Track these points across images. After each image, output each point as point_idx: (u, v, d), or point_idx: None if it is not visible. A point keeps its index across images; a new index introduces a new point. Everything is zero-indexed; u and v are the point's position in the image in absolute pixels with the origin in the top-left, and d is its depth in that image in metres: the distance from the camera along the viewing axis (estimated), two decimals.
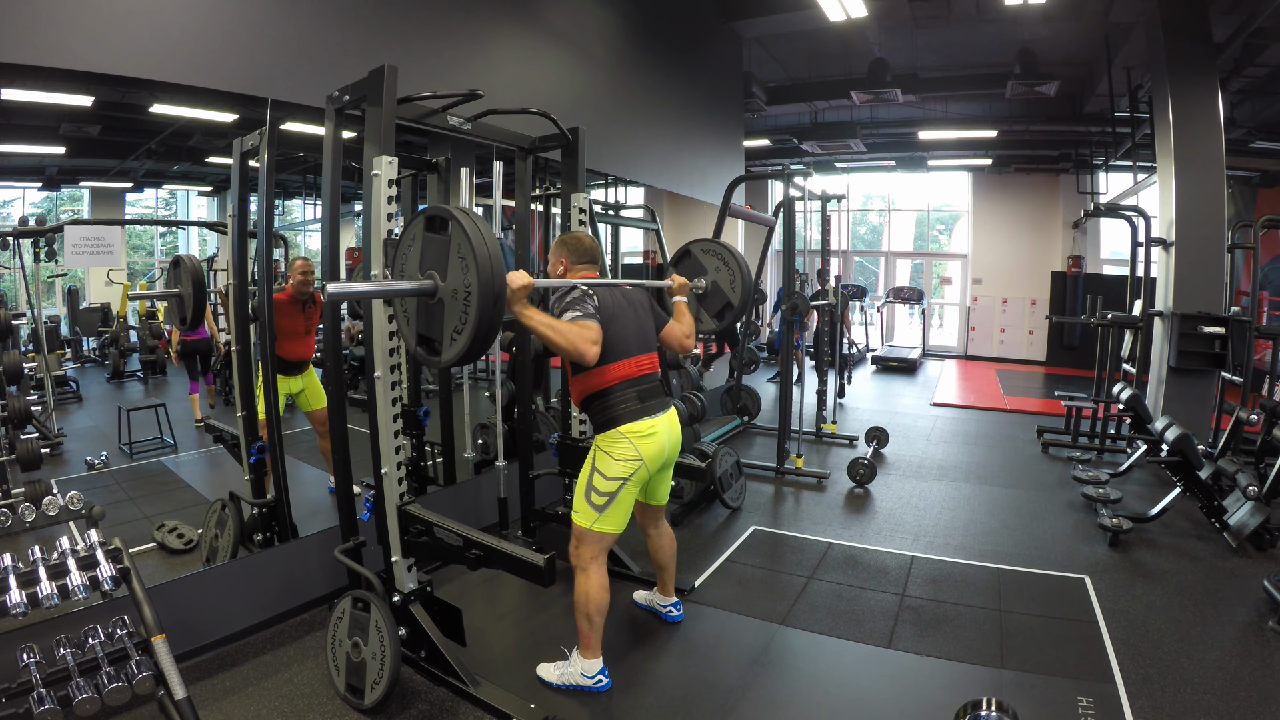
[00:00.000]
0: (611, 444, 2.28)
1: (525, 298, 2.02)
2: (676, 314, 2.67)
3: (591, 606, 2.27)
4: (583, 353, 2.10)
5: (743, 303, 2.92)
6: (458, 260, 1.78)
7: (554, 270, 2.45)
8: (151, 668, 1.86)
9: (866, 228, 14.40)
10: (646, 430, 2.29)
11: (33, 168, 8.05)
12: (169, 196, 10.25)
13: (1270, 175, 8.71)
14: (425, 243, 1.88)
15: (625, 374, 2.31)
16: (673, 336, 2.58)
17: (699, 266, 2.98)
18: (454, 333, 1.82)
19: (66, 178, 8.50)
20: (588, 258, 2.43)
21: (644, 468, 2.29)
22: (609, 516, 2.28)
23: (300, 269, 3.83)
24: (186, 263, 3.19)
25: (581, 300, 2.21)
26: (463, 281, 1.77)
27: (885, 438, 5.61)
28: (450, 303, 1.82)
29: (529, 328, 2.07)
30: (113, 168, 8.21)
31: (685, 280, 2.77)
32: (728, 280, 2.92)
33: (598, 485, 2.27)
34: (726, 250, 2.92)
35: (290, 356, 3.87)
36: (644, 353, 2.39)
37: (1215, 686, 2.38)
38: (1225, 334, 5.14)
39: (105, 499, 3.98)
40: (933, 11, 6.55)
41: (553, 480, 3.38)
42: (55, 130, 6.49)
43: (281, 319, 3.69)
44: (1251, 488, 3.56)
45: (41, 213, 8.56)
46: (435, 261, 1.85)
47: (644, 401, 2.32)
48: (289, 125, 4.03)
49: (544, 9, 4.67)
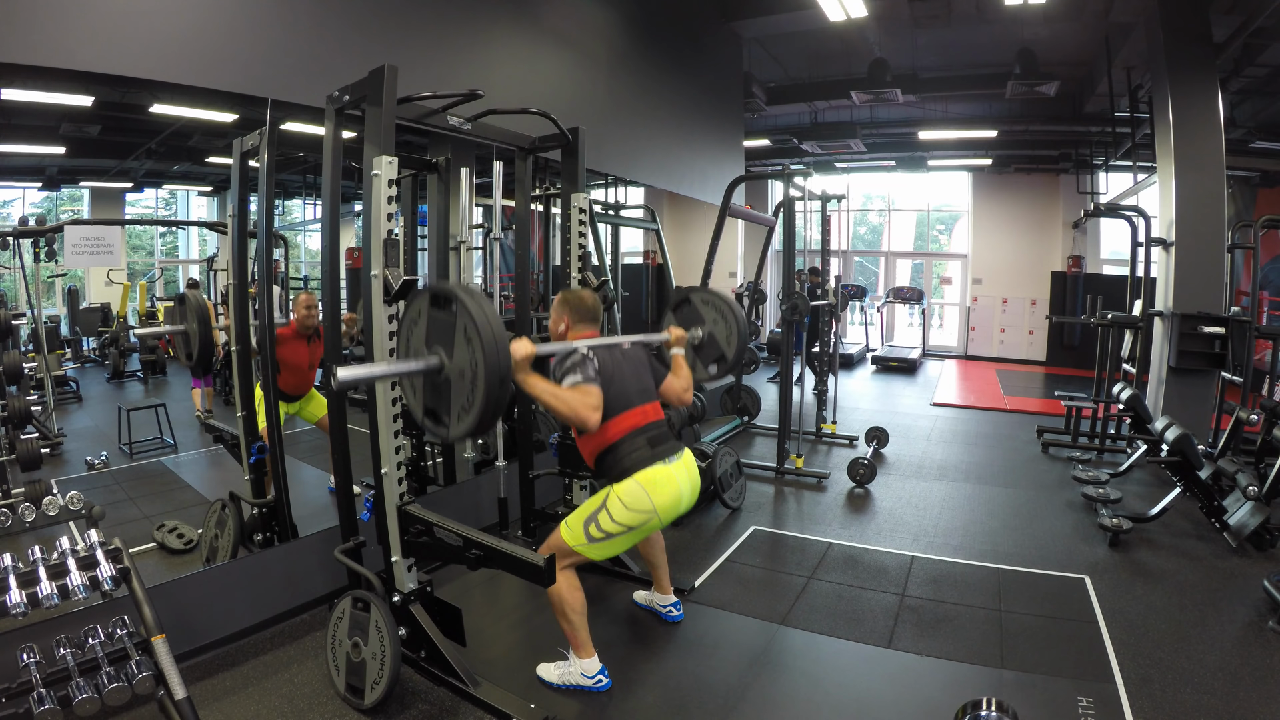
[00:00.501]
0: (627, 493, 2.25)
1: (527, 366, 2.05)
2: (674, 367, 2.69)
3: (566, 607, 2.27)
4: (584, 419, 2.13)
5: (736, 357, 2.98)
6: (463, 340, 1.80)
7: (555, 328, 2.49)
8: (151, 668, 1.86)
9: (866, 228, 14.40)
10: (663, 478, 2.27)
11: (33, 168, 8.05)
12: (169, 196, 10.25)
13: (1270, 175, 8.71)
14: (431, 319, 1.91)
15: (632, 424, 2.32)
16: (671, 391, 2.60)
17: (697, 316, 3.03)
18: (461, 410, 1.85)
19: (66, 178, 8.51)
20: (589, 317, 2.47)
21: (656, 518, 2.27)
22: (598, 548, 2.29)
23: (304, 303, 3.83)
24: (191, 300, 3.17)
25: (582, 364, 2.22)
26: (469, 361, 1.79)
27: (885, 438, 5.61)
28: (457, 381, 1.84)
29: (532, 395, 2.11)
30: (113, 168, 8.22)
31: (682, 332, 2.80)
32: (724, 333, 2.97)
33: (601, 522, 2.25)
34: (724, 303, 2.97)
35: (293, 391, 3.88)
36: (647, 403, 2.41)
37: (1215, 686, 2.38)
38: (1225, 334, 5.14)
39: (105, 499, 3.98)
40: (933, 11, 6.55)
41: (553, 480, 3.38)
42: (55, 130, 6.50)
43: (285, 353, 3.69)
44: (1251, 488, 3.56)
45: (41, 213, 8.57)
46: (441, 338, 1.88)
47: (655, 447, 2.32)
48: (289, 125, 4.04)
49: (544, 9, 4.67)
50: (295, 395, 3.92)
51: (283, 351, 3.64)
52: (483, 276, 5.02)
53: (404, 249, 3.24)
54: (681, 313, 3.05)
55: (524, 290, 3.63)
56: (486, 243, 4.58)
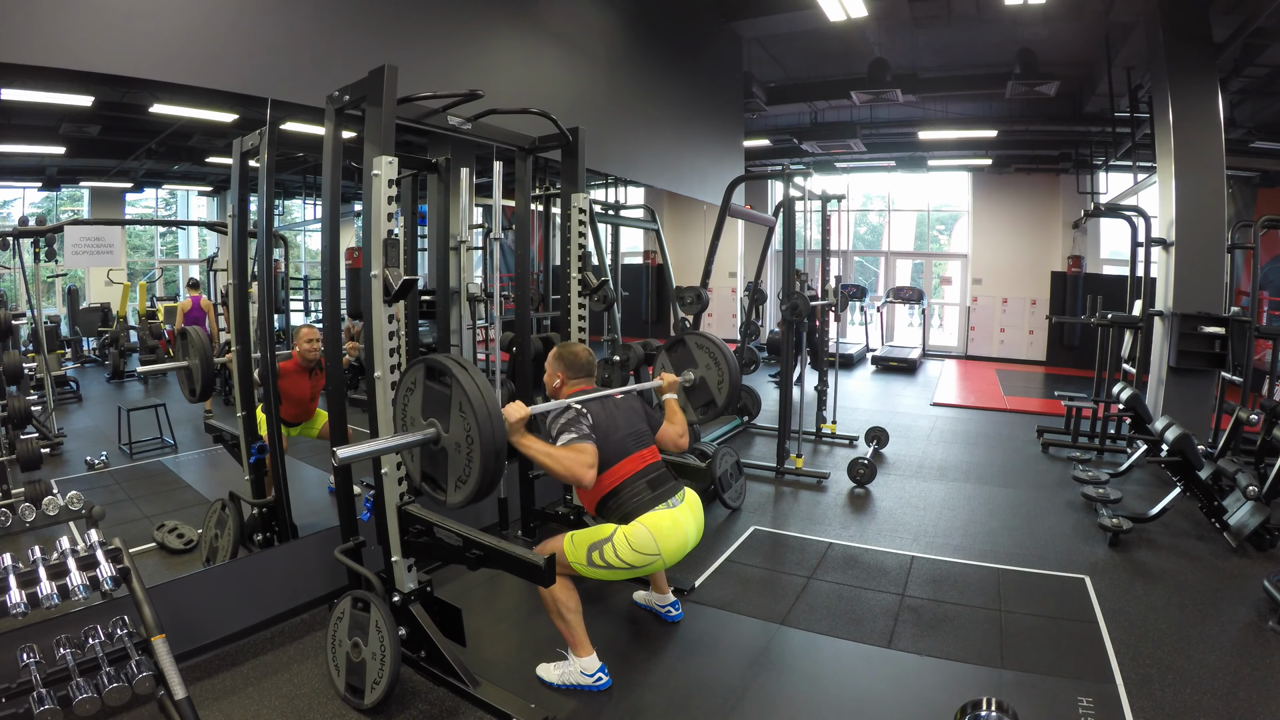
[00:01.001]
0: (633, 535, 2.25)
1: (522, 428, 2.08)
2: (669, 414, 2.70)
3: (561, 606, 2.29)
4: (579, 478, 2.16)
5: (725, 405, 3.03)
6: (459, 414, 1.84)
7: (550, 383, 2.52)
8: (151, 668, 1.86)
9: (866, 228, 14.40)
10: (669, 525, 2.28)
11: (33, 168, 8.04)
12: (169, 196, 10.24)
13: (1270, 175, 8.71)
14: (426, 390, 1.94)
15: (630, 470, 2.34)
16: (667, 438, 2.62)
17: (690, 358, 3.07)
18: (458, 481, 1.89)
19: (66, 178, 8.50)
20: (584, 372, 2.50)
21: (660, 561, 2.29)
22: (596, 574, 2.30)
23: (306, 337, 3.84)
24: (193, 337, 3.18)
25: (576, 421, 2.24)
26: (464, 435, 1.83)
27: (885, 438, 5.61)
28: (453, 453, 1.88)
29: (528, 456, 2.14)
30: (113, 168, 8.21)
31: (674, 378, 2.84)
32: (715, 380, 3.02)
33: (605, 554, 2.25)
34: (719, 350, 3.01)
35: (294, 420, 3.89)
36: (643, 448, 2.42)
37: (1215, 686, 2.38)
38: (1225, 334, 5.14)
39: (105, 499, 3.98)
40: (933, 11, 6.55)
41: (553, 480, 3.37)
42: (55, 130, 6.49)
43: (288, 386, 3.69)
44: (1251, 488, 3.56)
45: (41, 213, 8.56)
46: (436, 409, 1.91)
47: (656, 489, 2.34)
48: (289, 125, 4.03)
49: (544, 9, 4.67)
50: (295, 424, 3.94)
51: (284, 384, 3.64)
52: (483, 276, 5.01)
53: (404, 249, 3.24)
54: (676, 353, 3.11)
55: (524, 290, 3.63)
56: (486, 243, 4.57)
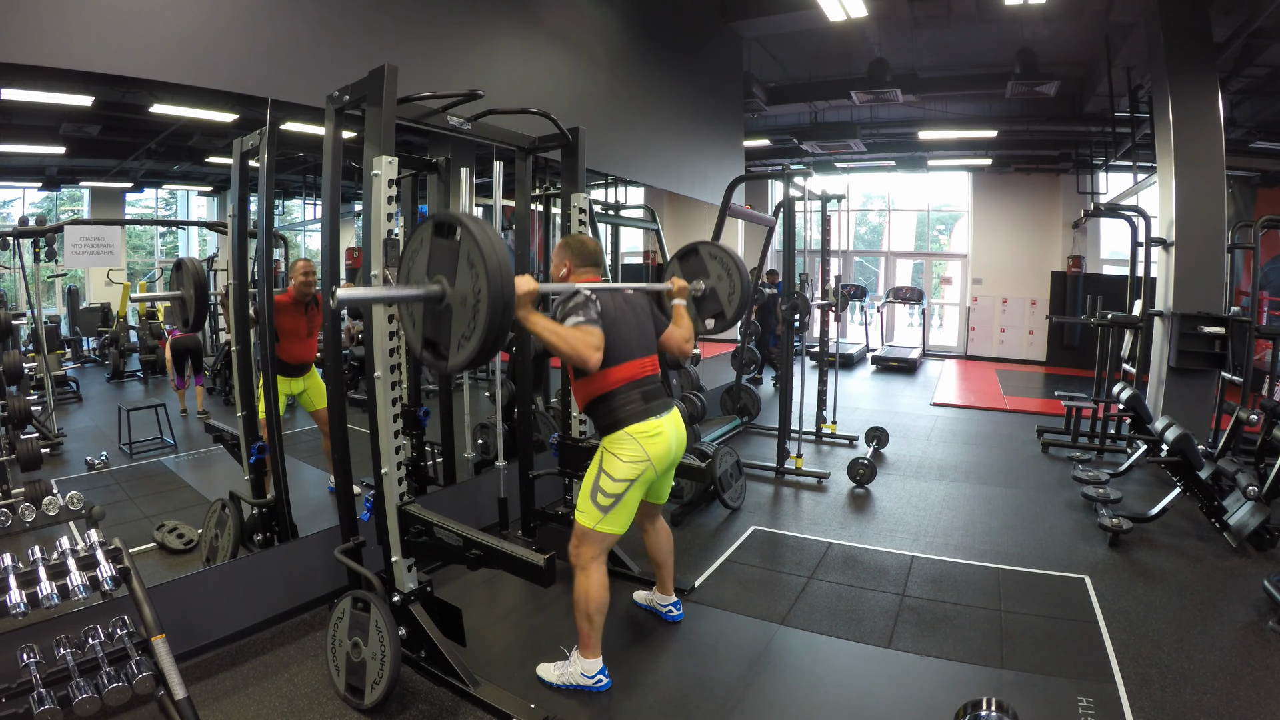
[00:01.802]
0: (618, 445, 2.28)
1: (530, 303, 2.04)
2: (675, 318, 2.68)
3: (592, 606, 2.27)
4: (586, 358, 2.12)
5: (735, 315, 2.95)
6: (466, 267, 1.77)
7: (557, 272, 2.47)
8: (151, 668, 1.86)
9: (866, 228, 14.40)
10: (653, 430, 2.30)
11: (33, 168, 8.05)
12: (169, 196, 10.25)
13: (1270, 175, 8.71)
14: (433, 247, 1.87)
15: (628, 375, 2.32)
16: (673, 341, 2.60)
17: (703, 268, 2.98)
18: (461, 338, 1.82)
19: (66, 178, 8.51)
20: (591, 261, 2.46)
21: (651, 468, 2.30)
22: (613, 518, 2.28)
23: (302, 270, 3.82)
24: (189, 265, 3.18)
25: (585, 305, 2.21)
26: (472, 288, 1.76)
27: (885, 438, 5.61)
28: (458, 309, 1.81)
29: (533, 333, 2.09)
30: (113, 168, 8.22)
31: (685, 283, 2.78)
32: (726, 291, 2.93)
33: (604, 486, 2.27)
34: (732, 260, 2.92)
35: (292, 359, 3.87)
36: (645, 355, 2.41)
37: (1215, 686, 2.38)
38: (1225, 334, 5.14)
39: (105, 499, 3.98)
40: (933, 11, 6.55)
41: (553, 480, 3.38)
42: (55, 130, 6.50)
43: (283, 321, 3.69)
44: (1251, 488, 3.56)
45: (41, 213, 8.57)
46: (443, 267, 1.84)
47: (648, 402, 2.33)
48: (289, 125, 4.04)
49: (544, 9, 4.67)
50: (295, 367, 3.90)
51: (281, 320, 3.62)
52: None
53: None
54: (688, 263, 3.01)
55: None
56: None
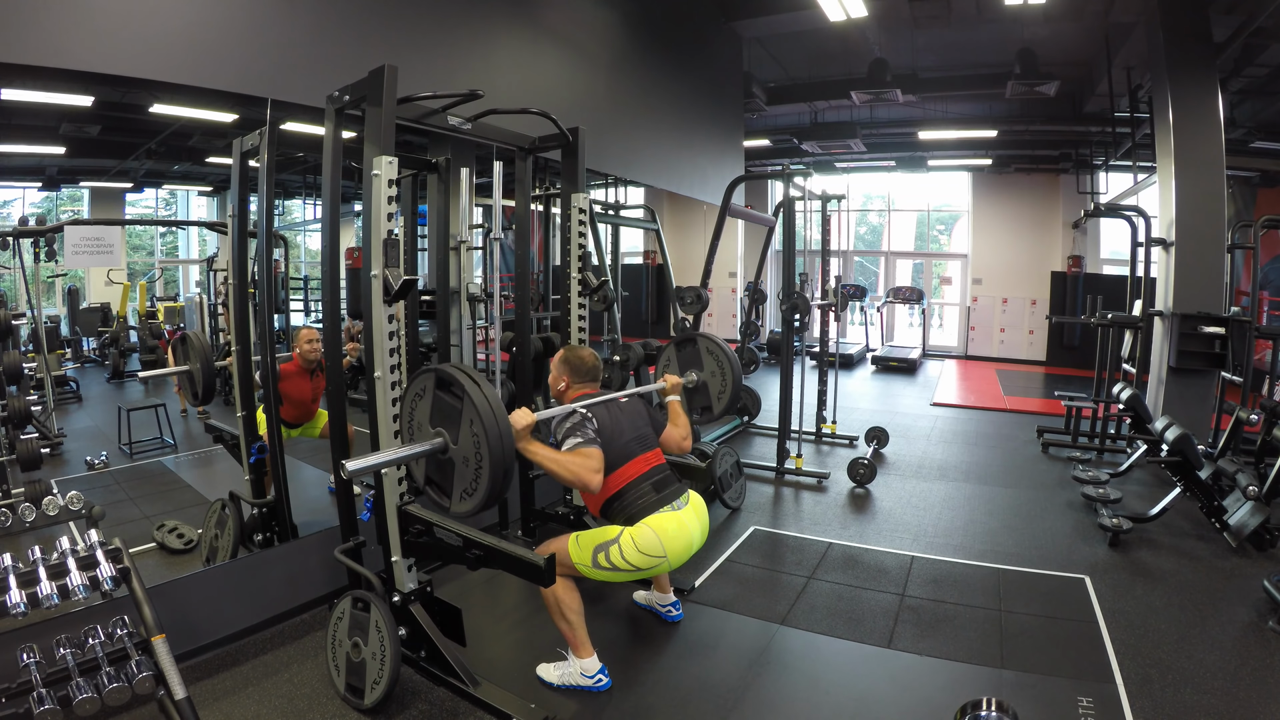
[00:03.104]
0: (638, 535, 2.25)
1: (528, 435, 2.08)
2: (672, 416, 2.72)
3: (564, 607, 2.29)
4: (587, 483, 2.17)
5: (722, 412, 3.08)
6: (468, 428, 1.84)
7: (555, 386, 2.53)
8: (151, 668, 1.86)
9: (866, 228, 14.40)
10: (673, 526, 2.28)
11: (33, 168, 8.04)
12: (169, 196, 10.24)
13: (1270, 175, 8.71)
14: (435, 399, 1.94)
15: (635, 473, 2.35)
16: (671, 441, 2.63)
17: (698, 360, 3.10)
18: (464, 493, 1.90)
19: (66, 178, 8.50)
20: (589, 376, 2.51)
21: (666, 563, 2.29)
22: (601, 575, 2.29)
23: (306, 338, 3.84)
24: (193, 340, 3.18)
25: (581, 426, 2.25)
26: (473, 450, 1.83)
27: (885, 438, 5.61)
28: (461, 466, 1.89)
29: (535, 463, 2.15)
30: (113, 168, 8.21)
31: (678, 379, 2.86)
32: (717, 387, 3.06)
33: (612, 556, 2.25)
34: (726, 358, 3.03)
35: (295, 422, 3.89)
36: (647, 451, 2.43)
37: (1215, 686, 2.38)
38: (1225, 334, 5.14)
39: (105, 499, 3.98)
40: (933, 11, 6.54)
41: (553, 480, 3.37)
42: (55, 130, 6.49)
43: (289, 388, 3.69)
44: (1251, 488, 3.56)
45: (41, 213, 8.56)
46: (445, 420, 1.91)
47: (660, 491, 2.35)
48: (289, 125, 4.03)
49: (544, 9, 4.67)
50: (297, 424, 3.94)
51: (285, 387, 3.64)
52: (483, 276, 5.02)
53: (404, 249, 3.23)
54: (684, 351, 3.14)
55: (524, 290, 3.63)
56: (486, 243, 4.57)
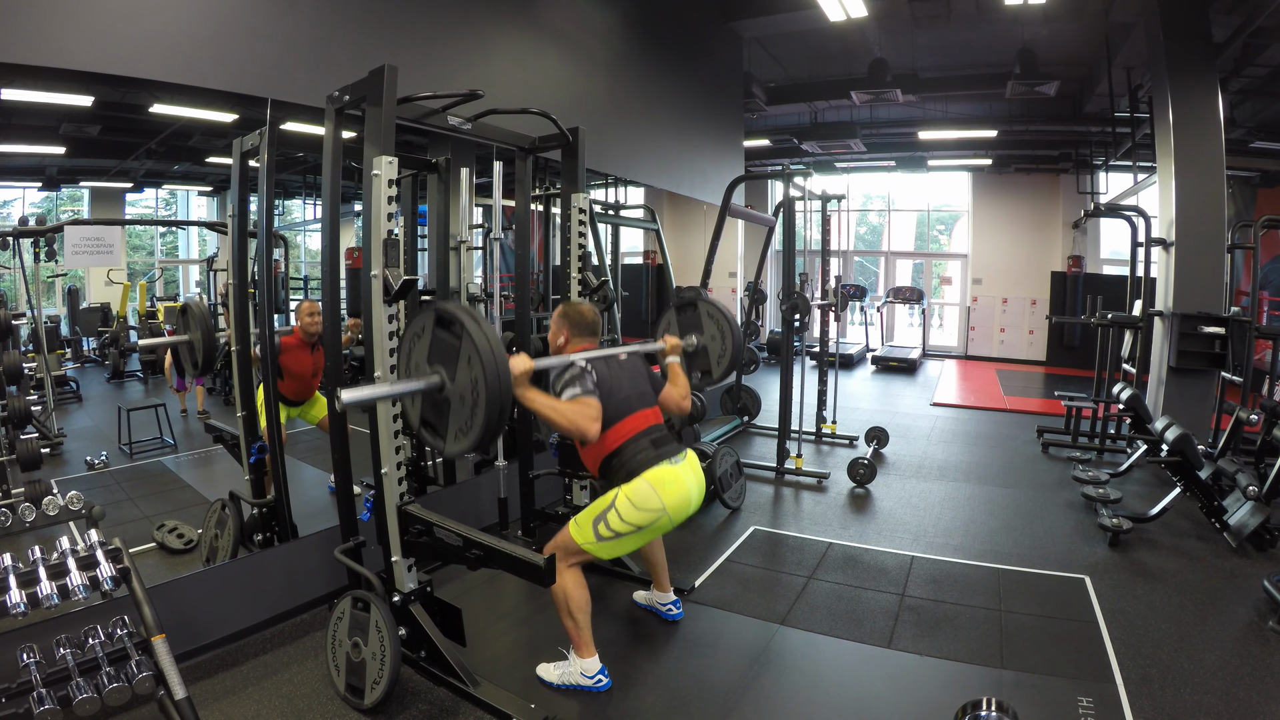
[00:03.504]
0: (636, 493, 2.25)
1: (526, 381, 2.08)
2: (671, 376, 2.70)
3: (573, 605, 2.28)
4: (584, 430, 2.15)
5: (721, 376, 3.04)
6: (466, 366, 1.82)
7: (554, 340, 2.51)
8: (151, 668, 1.86)
9: (866, 228, 14.40)
10: (670, 478, 2.28)
11: (33, 168, 8.04)
12: (169, 196, 10.25)
13: (1270, 175, 8.71)
14: (434, 338, 1.93)
15: (633, 428, 2.34)
16: (670, 399, 2.62)
17: (698, 324, 3.06)
18: (459, 431, 1.88)
19: (66, 178, 8.50)
20: (588, 331, 2.49)
21: (666, 518, 2.28)
22: (607, 548, 2.29)
23: (307, 311, 3.84)
24: (194, 309, 3.14)
25: (580, 377, 2.24)
26: (470, 388, 1.81)
27: (885, 438, 5.61)
28: (457, 403, 1.87)
29: (531, 410, 2.14)
30: (113, 168, 8.21)
31: (677, 340, 2.83)
32: (717, 351, 3.02)
33: (611, 522, 2.25)
34: (728, 323, 2.99)
35: (296, 397, 3.89)
36: (646, 408, 2.43)
37: (1215, 686, 2.38)
38: (1225, 334, 5.14)
39: (105, 499, 3.98)
40: (933, 11, 6.54)
41: (553, 480, 3.38)
42: (55, 130, 6.49)
43: (289, 361, 3.71)
44: (1251, 488, 3.56)
45: (41, 213, 8.56)
46: (443, 357, 1.90)
47: (659, 447, 2.34)
48: (289, 125, 4.04)
49: (544, 9, 4.67)
50: (298, 401, 3.94)
51: (286, 360, 3.67)
52: (483, 276, 5.02)
53: (404, 249, 3.24)
54: (685, 315, 3.07)
55: (524, 290, 3.63)
56: (486, 243, 4.58)
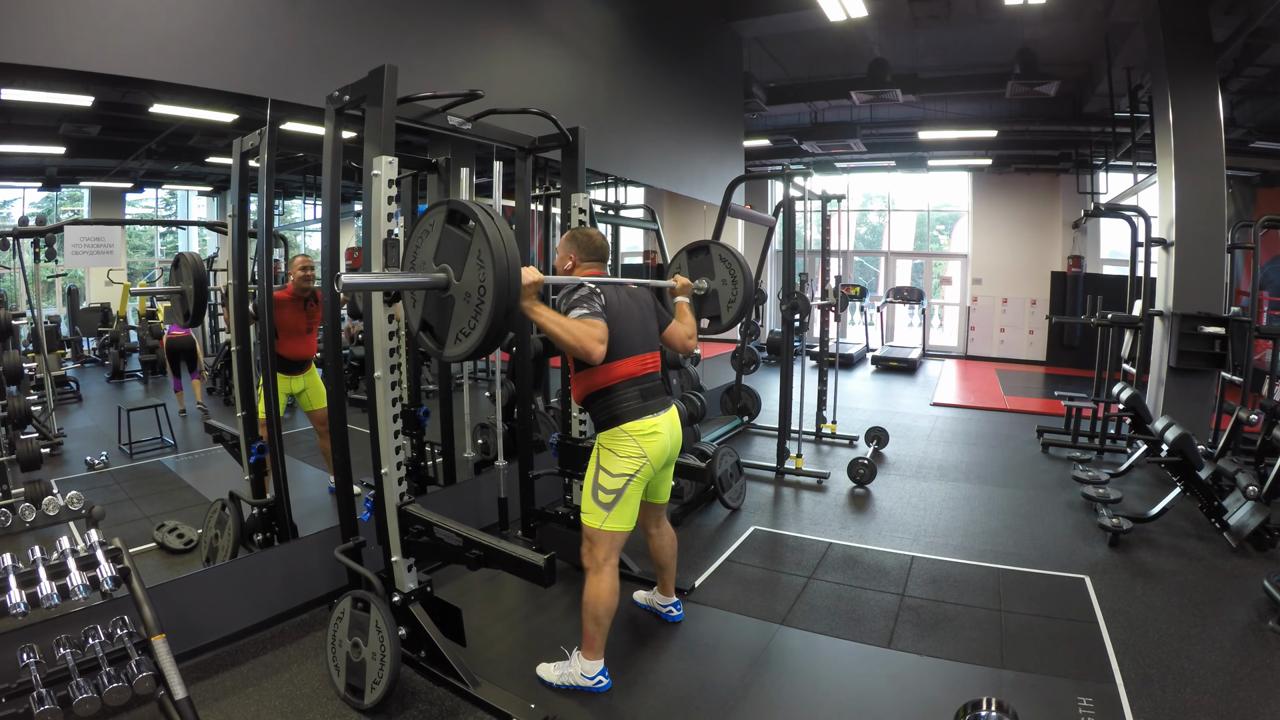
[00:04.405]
0: (615, 441, 2.29)
1: (534, 294, 2.04)
2: (679, 314, 2.69)
3: (601, 608, 2.27)
4: (589, 350, 2.11)
5: (731, 321, 2.99)
6: (475, 263, 1.76)
7: (561, 265, 2.46)
8: (151, 668, 1.86)
9: (866, 228, 14.40)
10: (649, 429, 2.30)
11: (33, 168, 8.05)
12: (169, 196, 10.25)
13: (1270, 175, 8.71)
14: (444, 234, 1.86)
15: (629, 372, 2.32)
16: (676, 337, 2.61)
17: (709, 268, 3.01)
18: (460, 333, 1.82)
19: (66, 178, 8.50)
20: (596, 256, 2.44)
21: (648, 465, 2.31)
22: (617, 514, 2.29)
23: (300, 265, 3.82)
24: (188, 259, 3.21)
25: (589, 298, 2.21)
26: (477, 285, 1.75)
27: (885, 438, 5.61)
28: (461, 303, 1.80)
29: (537, 323, 2.09)
30: (113, 168, 8.21)
31: (688, 281, 2.80)
32: (728, 296, 2.98)
33: (604, 483, 2.28)
34: (740, 267, 2.95)
35: (292, 355, 3.86)
36: (648, 351, 2.42)
37: (1215, 686, 2.38)
38: (1225, 334, 5.14)
39: (105, 499, 3.98)
40: (933, 11, 6.55)
41: (553, 480, 3.38)
42: (55, 130, 6.50)
43: (283, 316, 3.70)
44: (1251, 488, 3.56)
45: (41, 213, 8.56)
46: (451, 255, 1.83)
47: (646, 400, 2.34)
48: (289, 125, 4.03)
49: (544, 9, 4.67)
50: (295, 363, 3.90)
51: (280, 315, 3.62)
52: None
53: None
54: (696, 259, 3.03)
55: None
56: None
